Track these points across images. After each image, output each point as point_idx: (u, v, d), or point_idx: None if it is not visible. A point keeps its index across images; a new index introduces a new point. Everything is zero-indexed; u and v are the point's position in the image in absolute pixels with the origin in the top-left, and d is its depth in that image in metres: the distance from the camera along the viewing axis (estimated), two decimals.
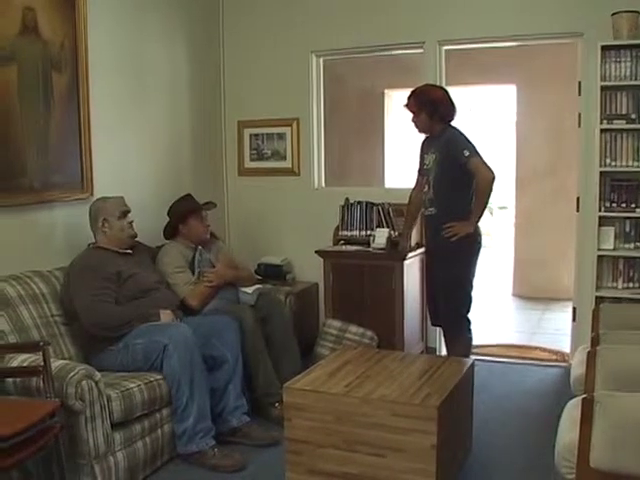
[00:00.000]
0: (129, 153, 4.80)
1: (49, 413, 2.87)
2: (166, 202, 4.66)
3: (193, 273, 4.41)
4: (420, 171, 4.55)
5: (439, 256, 4.40)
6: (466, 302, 4.38)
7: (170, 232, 4.60)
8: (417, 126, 4.42)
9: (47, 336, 3.63)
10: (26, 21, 3.89)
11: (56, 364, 3.15)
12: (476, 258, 4.37)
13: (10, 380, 3.19)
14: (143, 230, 4.30)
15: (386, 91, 8.47)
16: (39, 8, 3.96)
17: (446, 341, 4.63)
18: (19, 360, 3.19)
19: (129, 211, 4.12)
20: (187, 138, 5.51)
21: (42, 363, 3.03)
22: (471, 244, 4.32)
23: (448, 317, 4.43)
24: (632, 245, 4.78)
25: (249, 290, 4.49)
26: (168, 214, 4.62)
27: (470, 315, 4.43)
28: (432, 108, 4.30)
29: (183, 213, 4.54)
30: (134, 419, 3.42)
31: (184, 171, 5.44)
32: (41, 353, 3.06)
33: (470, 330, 4.45)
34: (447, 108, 4.34)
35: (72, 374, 3.09)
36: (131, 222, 4.12)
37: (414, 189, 4.66)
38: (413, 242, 5.05)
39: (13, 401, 3.10)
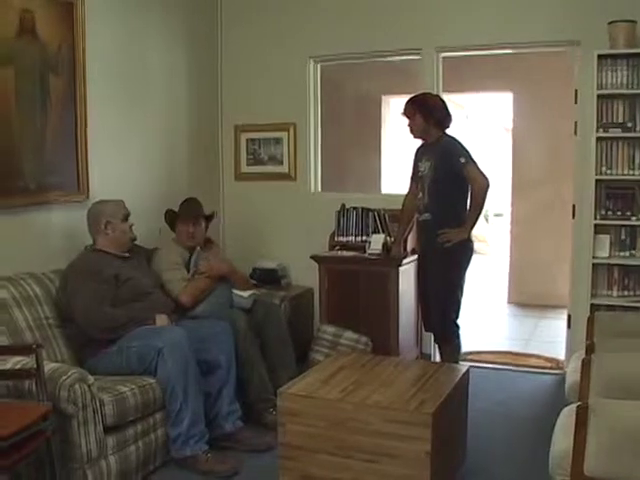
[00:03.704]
0: (126, 156, 4.79)
1: (41, 417, 2.86)
2: (162, 205, 4.66)
3: (189, 272, 4.41)
4: (413, 177, 4.59)
5: (432, 261, 4.43)
6: (455, 307, 4.43)
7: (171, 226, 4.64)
8: (412, 131, 4.46)
9: (40, 339, 3.61)
10: (24, 23, 3.89)
11: (49, 367, 3.14)
12: (467, 264, 4.42)
13: (2, 383, 3.16)
14: (138, 233, 4.29)
15: (383, 97, 8.47)
16: (37, 10, 3.96)
17: (438, 346, 4.67)
18: (12, 363, 3.18)
19: (130, 214, 4.14)
20: (184, 142, 5.51)
21: (35, 366, 3.02)
22: (464, 250, 4.37)
23: (438, 322, 4.49)
24: (627, 253, 4.78)
25: (244, 294, 4.48)
26: None
27: (459, 321, 4.48)
28: (427, 111, 4.36)
29: (173, 216, 4.57)
30: (127, 423, 3.41)
31: (180, 175, 5.43)
32: (34, 356, 3.04)
33: (459, 335, 4.50)
34: (442, 113, 4.41)
35: (65, 377, 3.08)
36: (131, 225, 4.14)
37: (407, 196, 4.70)
38: (409, 248, 5.05)
39: (5, 404, 3.07)
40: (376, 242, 5.02)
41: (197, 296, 4.32)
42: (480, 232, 11.18)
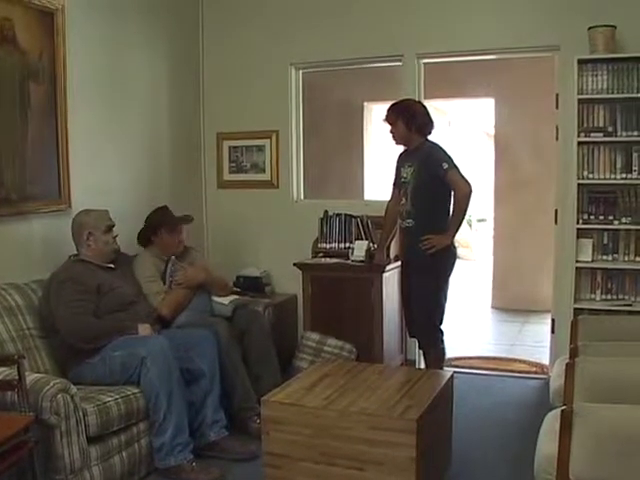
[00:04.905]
0: (107, 164, 4.76)
1: (23, 428, 2.83)
2: (144, 214, 4.63)
3: (165, 283, 4.39)
4: (396, 184, 4.59)
5: (415, 267, 4.43)
6: (439, 313, 4.43)
7: (143, 241, 4.58)
8: (395, 137, 4.47)
9: (23, 349, 3.58)
10: (4, 31, 3.86)
11: (31, 378, 3.11)
12: (451, 270, 4.43)
13: None
14: (121, 241, 4.26)
15: (365, 103, 8.49)
16: (17, 18, 3.93)
17: (422, 352, 4.67)
18: None
19: (114, 225, 4.11)
20: (166, 150, 5.49)
21: (17, 377, 2.99)
22: (447, 256, 4.37)
23: (422, 328, 4.49)
24: (610, 257, 4.81)
25: (225, 301, 4.46)
26: (145, 222, 4.61)
27: (443, 327, 4.49)
28: (409, 117, 4.36)
29: (155, 225, 4.53)
30: (111, 433, 3.38)
31: (163, 183, 5.40)
32: (16, 366, 3.01)
33: (443, 341, 4.50)
34: (424, 119, 4.41)
35: (47, 388, 3.04)
36: (115, 236, 4.11)
37: (390, 202, 4.70)
38: (392, 254, 5.05)
39: None
40: (359, 249, 5.02)
41: (175, 308, 4.29)
42: (463, 238, 11.23)
